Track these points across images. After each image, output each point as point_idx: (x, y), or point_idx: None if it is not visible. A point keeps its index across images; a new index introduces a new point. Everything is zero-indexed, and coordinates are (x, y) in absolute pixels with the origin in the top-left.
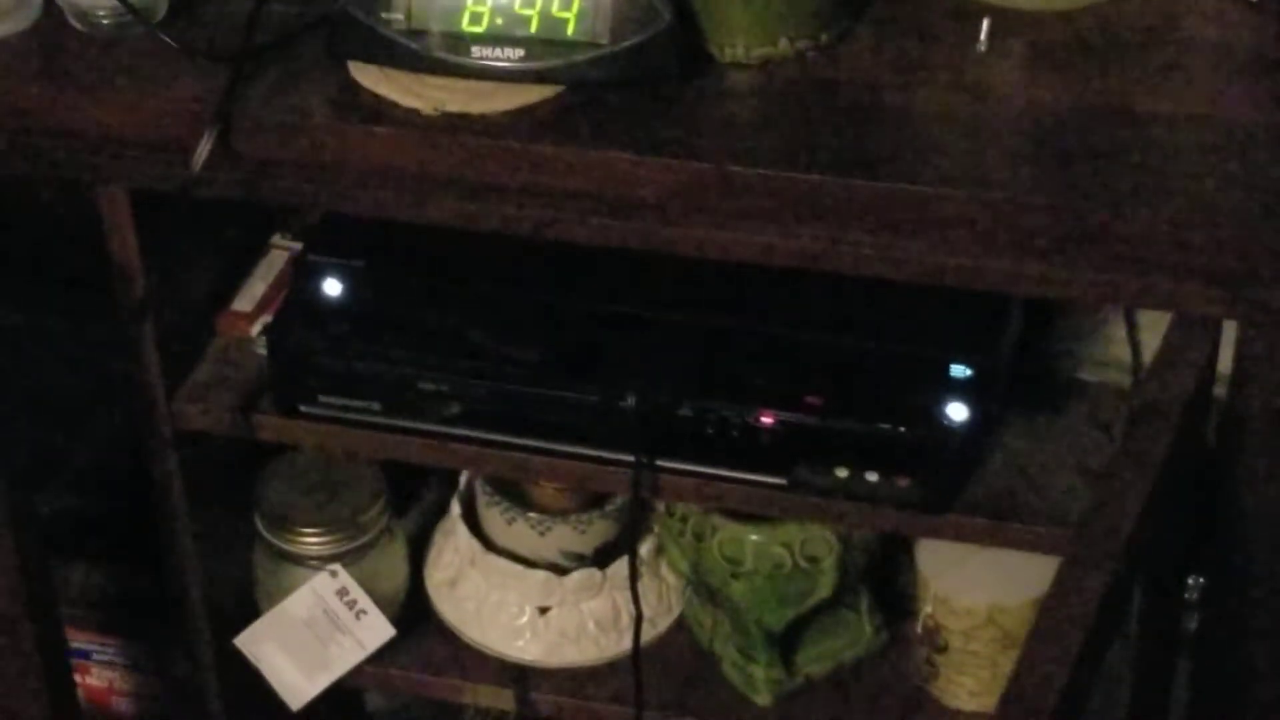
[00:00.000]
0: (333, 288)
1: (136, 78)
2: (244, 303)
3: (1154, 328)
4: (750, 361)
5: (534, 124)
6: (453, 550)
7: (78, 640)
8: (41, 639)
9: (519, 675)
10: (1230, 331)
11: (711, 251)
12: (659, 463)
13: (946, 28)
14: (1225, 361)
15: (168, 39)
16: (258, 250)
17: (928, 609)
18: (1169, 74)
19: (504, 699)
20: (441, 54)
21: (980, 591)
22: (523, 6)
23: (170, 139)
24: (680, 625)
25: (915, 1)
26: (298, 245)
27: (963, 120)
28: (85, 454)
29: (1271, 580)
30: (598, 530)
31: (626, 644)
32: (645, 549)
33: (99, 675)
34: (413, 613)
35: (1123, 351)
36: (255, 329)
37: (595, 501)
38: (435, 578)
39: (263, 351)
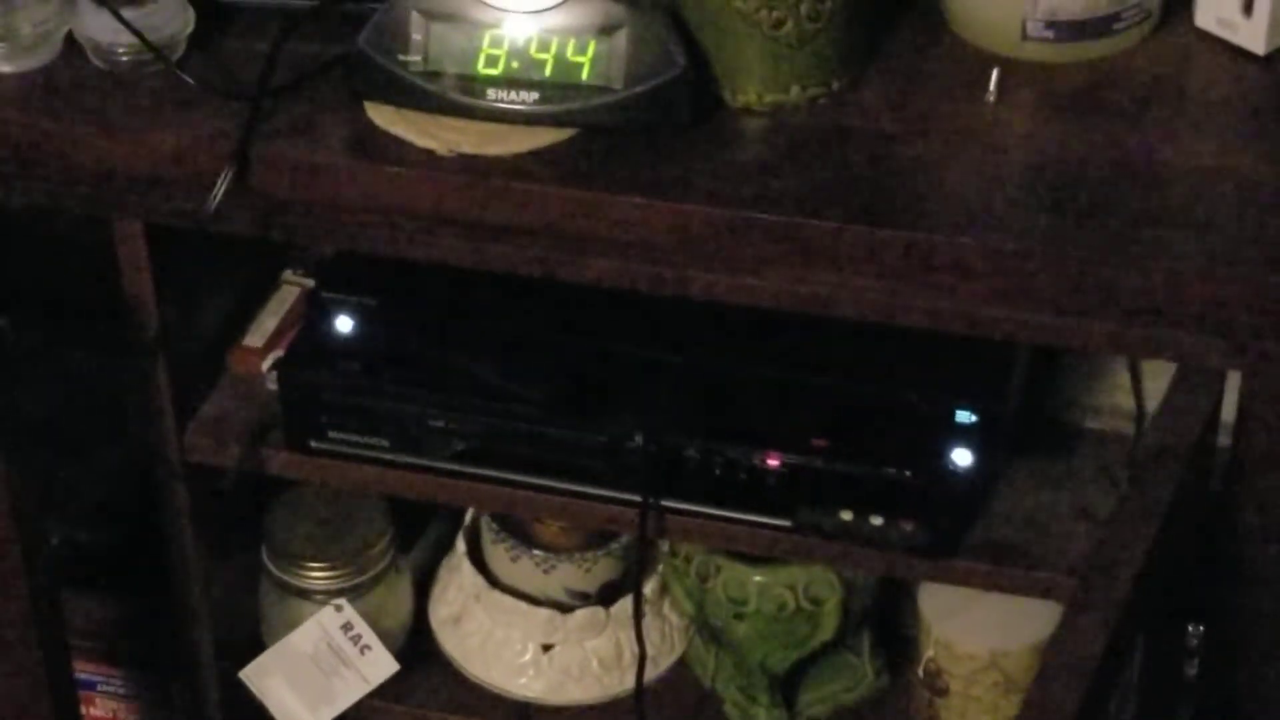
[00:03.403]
0: (344, 325)
1: (155, 115)
2: (255, 338)
3: (1158, 376)
4: (757, 403)
5: (547, 166)
6: (457, 587)
7: (84, 671)
8: (49, 668)
9: (522, 712)
10: (1235, 380)
11: (721, 295)
12: (665, 503)
13: (957, 77)
14: (1229, 410)
15: (186, 77)
16: (269, 286)
17: (930, 653)
18: (1177, 127)
19: None
20: (457, 96)
21: (982, 636)
22: (538, 50)
23: (187, 176)
24: (683, 665)
25: (926, 51)
26: (309, 281)
27: (971, 169)
28: (95, 485)
29: (1273, 629)
30: (602, 569)
31: (629, 683)
32: (649, 588)
33: (104, 706)
34: (417, 648)
35: (1127, 399)
36: (266, 364)
37: (600, 540)
38: (440, 614)
39: (273, 387)
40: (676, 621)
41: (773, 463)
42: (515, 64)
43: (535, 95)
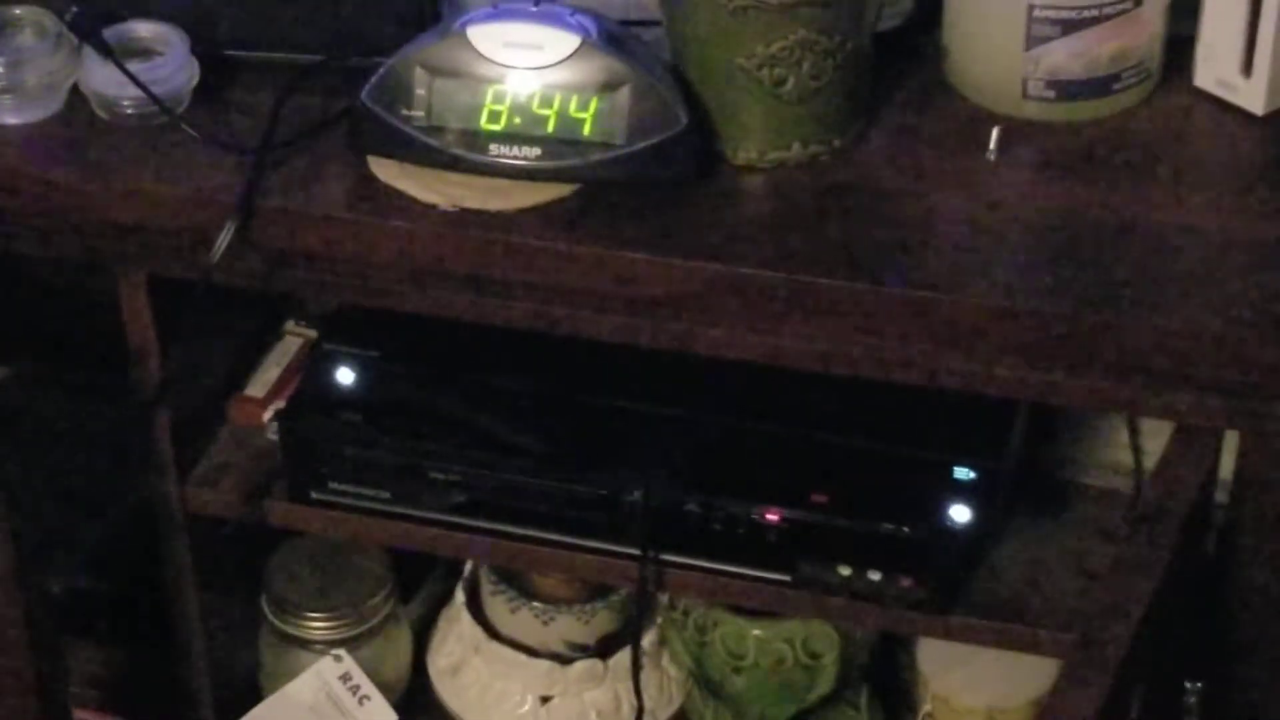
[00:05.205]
0: (345, 376)
1: (159, 167)
2: (257, 389)
3: (1156, 433)
4: (757, 459)
5: (549, 221)
6: (456, 638)
7: (83, 719)
8: (50, 716)
9: None
10: (1232, 439)
11: (722, 350)
12: (664, 557)
13: (958, 135)
14: (1227, 468)
15: (191, 130)
16: (271, 337)
17: (927, 707)
18: (1175, 186)
19: None
20: (460, 151)
21: (980, 691)
22: (541, 106)
23: (191, 228)
24: (681, 718)
25: (927, 109)
26: (311, 332)
27: (970, 227)
28: (96, 534)
29: (1269, 686)
30: (601, 621)
31: None
32: (648, 641)
33: None
34: (415, 699)
35: (1125, 456)
36: (267, 415)
37: (599, 592)
38: (439, 665)
39: (275, 437)
40: (675, 674)
41: (772, 517)
42: (518, 120)
43: (538, 151)
